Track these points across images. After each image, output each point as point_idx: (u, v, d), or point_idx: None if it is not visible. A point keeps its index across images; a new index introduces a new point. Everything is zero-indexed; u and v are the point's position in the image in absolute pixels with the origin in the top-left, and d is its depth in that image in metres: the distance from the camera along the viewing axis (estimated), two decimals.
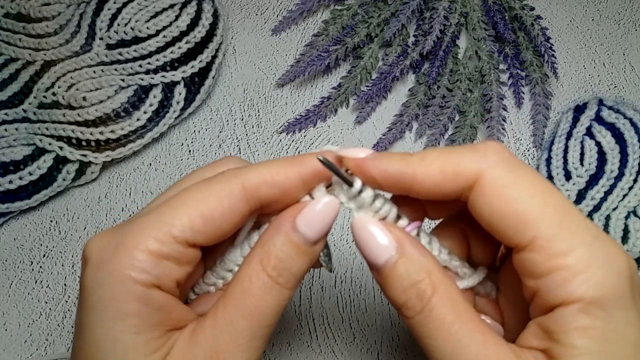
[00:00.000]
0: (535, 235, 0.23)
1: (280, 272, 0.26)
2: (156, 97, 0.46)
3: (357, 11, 0.51)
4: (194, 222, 0.25)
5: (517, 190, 0.24)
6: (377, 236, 0.26)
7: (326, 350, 0.41)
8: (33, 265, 0.45)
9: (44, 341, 0.42)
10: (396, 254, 0.25)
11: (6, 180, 0.43)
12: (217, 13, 0.48)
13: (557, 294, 0.23)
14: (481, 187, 0.24)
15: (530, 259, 0.23)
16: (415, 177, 0.25)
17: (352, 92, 0.50)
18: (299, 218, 0.26)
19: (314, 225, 0.26)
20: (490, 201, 0.24)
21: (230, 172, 0.26)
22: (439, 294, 0.25)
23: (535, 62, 0.50)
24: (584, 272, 0.22)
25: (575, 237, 0.23)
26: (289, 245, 0.26)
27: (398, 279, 0.25)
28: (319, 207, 0.26)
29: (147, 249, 0.24)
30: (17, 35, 0.46)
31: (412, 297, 0.25)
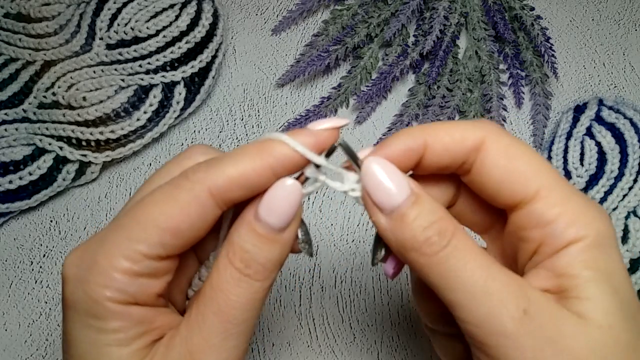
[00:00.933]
0: (540, 186, 0.25)
1: (248, 263, 0.25)
2: (156, 97, 0.46)
3: (357, 11, 0.51)
4: (162, 237, 0.24)
5: (519, 150, 0.26)
6: (394, 174, 0.25)
7: (326, 350, 0.41)
8: (33, 265, 0.45)
9: (44, 341, 0.42)
10: (411, 195, 0.25)
11: (6, 180, 0.43)
12: (217, 13, 0.48)
13: (564, 236, 0.24)
14: (488, 148, 0.26)
15: (537, 209, 0.25)
16: (426, 146, 0.26)
17: (352, 92, 0.50)
18: (260, 206, 0.25)
19: (275, 212, 0.25)
20: (498, 160, 0.26)
21: (195, 177, 0.25)
22: (460, 230, 0.25)
23: (535, 62, 0.50)
24: (585, 215, 0.25)
25: (569, 189, 0.26)
26: (253, 234, 0.25)
27: (416, 219, 0.25)
28: (279, 193, 0.25)
29: (121, 268, 0.24)
30: (17, 35, 0.46)
31: (434, 234, 0.24)
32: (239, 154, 0.25)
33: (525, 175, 0.25)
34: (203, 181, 0.24)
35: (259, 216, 0.25)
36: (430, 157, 0.26)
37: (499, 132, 0.26)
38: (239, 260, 0.25)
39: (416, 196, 0.25)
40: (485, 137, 0.26)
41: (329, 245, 0.45)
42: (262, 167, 0.24)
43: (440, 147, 0.26)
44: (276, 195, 0.25)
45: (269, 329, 0.42)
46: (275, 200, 0.25)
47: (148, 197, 0.25)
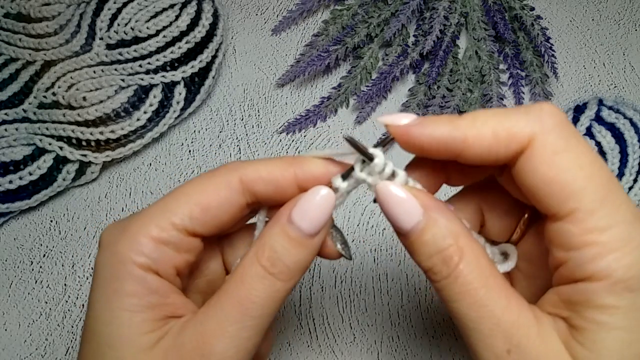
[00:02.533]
0: (577, 207, 0.23)
1: (274, 262, 0.26)
2: (156, 97, 0.46)
3: (357, 11, 0.51)
4: (193, 211, 0.26)
5: (567, 159, 0.23)
6: (403, 201, 0.25)
7: (326, 350, 0.41)
8: (33, 265, 0.45)
9: (44, 341, 0.42)
10: (423, 219, 0.25)
11: (6, 180, 0.43)
12: (217, 13, 0.48)
13: (586, 269, 0.23)
14: (532, 152, 0.24)
15: (566, 230, 0.23)
16: (466, 141, 0.24)
17: (352, 92, 0.50)
18: (294, 210, 0.26)
19: (308, 218, 0.26)
20: (538, 167, 0.24)
21: (230, 165, 0.27)
22: (466, 259, 0.25)
23: (535, 62, 0.50)
24: (617, 251, 0.23)
25: (616, 214, 0.23)
26: (283, 236, 0.26)
27: (424, 245, 0.25)
28: (314, 199, 0.26)
29: (148, 234, 0.26)
30: (17, 35, 0.46)
31: (438, 264, 0.25)
32: (273, 159, 0.28)
33: (565, 191, 0.23)
34: (236, 169, 0.27)
35: (292, 219, 0.26)
36: (471, 155, 0.25)
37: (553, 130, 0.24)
38: (266, 258, 0.26)
39: (427, 220, 0.25)
40: (534, 137, 0.24)
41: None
42: (288, 173, 0.27)
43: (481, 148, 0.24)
44: (311, 201, 0.26)
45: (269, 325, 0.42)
46: (309, 206, 0.26)
47: (187, 181, 0.28)
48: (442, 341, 0.41)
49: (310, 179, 0.27)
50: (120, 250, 0.26)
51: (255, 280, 0.26)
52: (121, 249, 0.26)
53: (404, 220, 0.25)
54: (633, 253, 0.23)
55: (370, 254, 0.44)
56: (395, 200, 0.26)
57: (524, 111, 0.24)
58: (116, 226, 0.27)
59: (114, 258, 0.26)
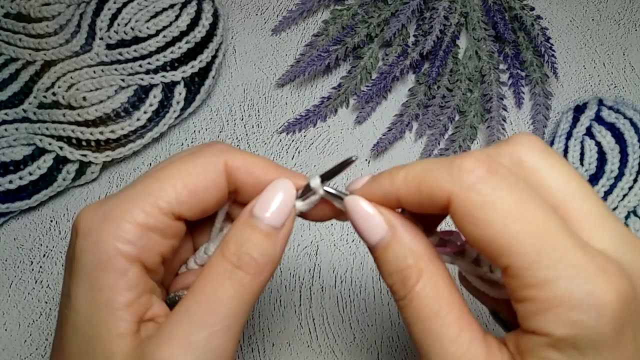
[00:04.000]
0: (509, 264, 0.22)
1: (240, 256, 0.25)
2: (156, 97, 0.46)
3: (357, 11, 0.51)
4: (180, 194, 0.25)
5: (490, 212, 0.22)
6: (369, 216, 0.26)
7: (326, 350, 0.41)
8: (33, 265, 0.45)
9: (44, 341, 0.42)
10: (387, 235, 0.25)
11: (6, 180, 0.43)
12: (217, 13, 0.48)
13: (530, 324, 0.22)
14: (453, 210, 0.23)
15: (508, 283, 0.23)
16: (399, 197, 0.25)
17: (352, 92, 0.50)
18: (257, 204, 0.26)
19: (271, 210, 0.26)
20: (462, 224, 0.23)
21: (217, 147, 0.27)
22: (423, 282, 0.24)
23: (535, 62, 0.50)
24: (557, 308, 0.21)
25: (555, 268, 0.21)
26: (248, 228, 0.25)
27: (386, 262, 0.25)
28: (273, 190, 0.26)
29: (134, 220, 0.24)
30: (17, 35, 0.46)
31: (396, 282, 0.25)
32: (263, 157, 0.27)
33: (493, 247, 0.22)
34: (222, 153, 0.26)
35: (254, 213, 0.26)
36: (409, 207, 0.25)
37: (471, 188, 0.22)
38: (231, 253, 0.25)
39: (391, 236, 0.25)
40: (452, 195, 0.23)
41: (329, 245, 0.45)
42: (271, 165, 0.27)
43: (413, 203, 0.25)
44: (270, 193, 0.26)
45: (269, 329, 0.42)
46: (269, 197, 0.26)
47: (168, 162, 0.26)
48: None
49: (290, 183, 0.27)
50: (103, 238, 0.24)
51: (222, 277, 0.25)
52: (105, 236, 0.24)
53: (370, 234, 0.26)
54: (576, 310, 0.21)
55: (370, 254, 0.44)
56: (362, 214, 0.26)
57: (446, 165, 0.23)
58: (95, 211, 0.25)
59: (97, 246, 0.24)
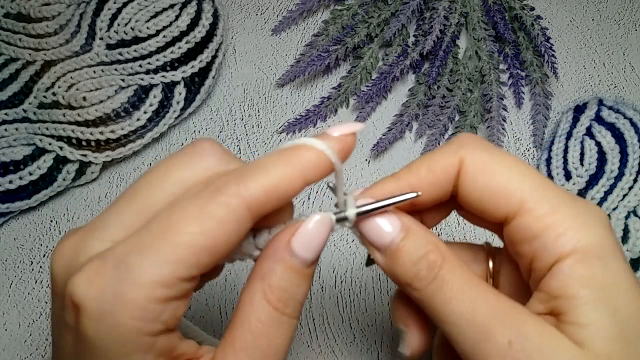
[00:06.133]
0: (522, 199, 0.24)
1: (286, 302, 0.24)
2: (156, 97, 0.46)
3: (357, 11, 0.51)
4: (200, 258, 0.22)
5: (497, 164, 0.25)
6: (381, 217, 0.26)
7: (326, 350, 0.42)
8: (33, 265, 0.45)
9: (44, 341, 0.42)
10: (402, 231, 0.26)
11: (6, 180, 0.43)
12: (217, 13, 0.48)
13: (554, 250, 0.24)
14: (465, 170, 0.26)
15: (523, 224, 0.25)
16: (410, 187, 0.26)
17: (352, 92, 0.50)
18: (295, 241, 0.24)
19: (310, 246, 0.25)
20: (476, 179, 0.25)
21: (230, 191, 0.23)
22: (448, 261, 0.25)
23: (535, 62, 0.50)
24: (574, 225, 0.24)
25: (557, 197, 0.25)
26: (290, 272, 0.24)
27: (407, 254, 0.26)
28: (312, 227, 0.25)
29: (153, 297, 0.22)
30: (17, 35, 0.46)
31: (422, 268, 0.25)
32: (269, 163, 0.24)
33: (506, 190, 0.25)
34: (239, 195, 0.23)
35: (294, 252, 0.24)
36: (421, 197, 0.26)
37: (476, 147, 0.26)
38: (277, 299, 0.24)
39: (407, 230, 0.26)
40: (462, 157, 0.26)
41: (329, 245, 0.45)
42: (295, 175, 0.24)
43: (427, 185, 0.26)
44: (310, 229, 0.25)
45: None
46: (309, 234, 0.25)
47: (176, 213, 0.23)
48: None
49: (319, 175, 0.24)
50: (122, 322, 0.22)
51: (274, 327, 0.24)
52: (123, 320, 0.22)
53: (385, 233, 0.26)
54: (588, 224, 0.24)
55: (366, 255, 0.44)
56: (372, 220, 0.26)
57: (446, 144, 0.27)
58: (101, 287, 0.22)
59: (116, 331, 0.22)
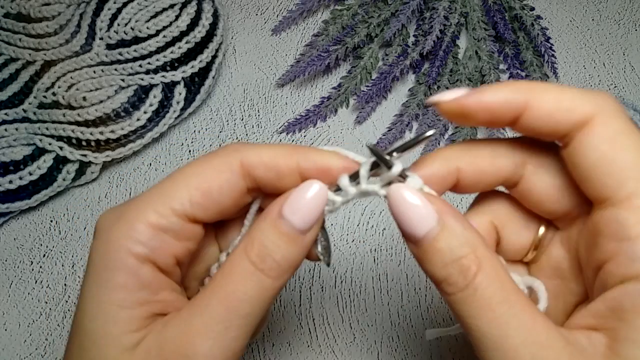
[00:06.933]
0: (634, 192, 0.21)
1: (263, 258, 0.25)
2: (156, 97, 0.46)
3: (357, 11, 0.51)
4: (193, 195, 0.25)
5: (629, 140, 0.22)
6: (417, 205, 0.24)
7: (326, 350, 0.41)
8: (33, 265, 0.45)
9: (44, 341, 0.42)
10: (437, 225, 0.23)
11: (6, 180, 0.43)
12: (217, 13, 0.48)
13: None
14: (593, 129, 0.22)
15: (620, 217, 0.21)
16: (527, 105, 0.23)
17: (352, 92, 0.50)
18: (286, 205, 0.25)
19: (300, 213, 0.25)
20: (599, 144, 0.22)
21: (231, 147, 0.26)
22: (484, 271, 0.23)
23: (535, 62, 0.50)
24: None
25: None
26: (274, 231, 0.25)
27: (439, 253, 0.23)
28: (306, 195, 0.25)
29: (146, 221, 0.24)
30: (17, 35, 0.46)
31: (454, 273, 0.23)
32: (278, 145, 0.26)
33: (624, 172, 0.21)
34: (237, 152, 0.26)
35: (282, 214, 0.25)
36: (530, 120, 0.23)
37: (614, 113, 0.22)
38: (255, 254, 0.25)
39: (442, 225, 0.23)
40: (596, 114, 0.22)
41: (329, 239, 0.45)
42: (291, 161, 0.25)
43: (543, 112, 0.23)
44: (302, 195, 0.25)
45: (269, 329, 0.42)
46: (300, 200, 0.25)
47: (186, 165, 0.26)
48: (442, 341, 0.41)
49: (313, 169, 0.26)
50: (115, 237, 0.24)
51: (244, 276, 0.25)
52: (116, 236, 0.24)
53: (417, 226, 0.24)
54: None
55: (370, 254, 0.44)
56: (408, 204, 0.24)
57: (585, 91, 0.23)
58: (112, 212, 0.25)
59: (108, 246, 0.24)
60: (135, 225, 0.24)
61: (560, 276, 0.26)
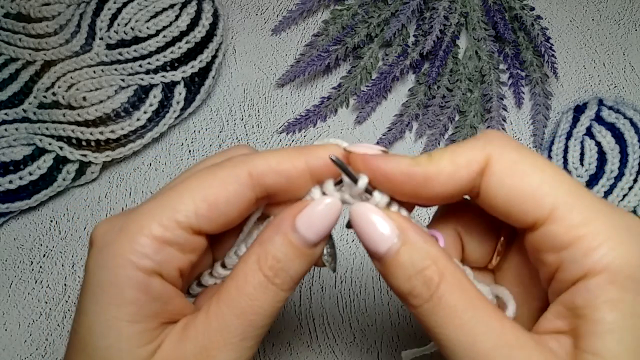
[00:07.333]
0: (554, 206, 0.22)
1: (277, 272, 0.25)
2: (156, 97, 0.46)
3: (357, 11, 0.51)
4: (199, 208, 0.24)
5: (528, 165, 0.23)
6: (377, 223, 0.25)
7: (326, 350, 0.41)
8: (33, 265, 0.45)
9: (44, 341, 0.42)
10: (398, 241, 0.24)
11: (6, 180, 0.43)
12: (217, 13, 0.48)
13: (583, 264, 0.22)
14: (492, 169, 0.24)
15: (551, 232, 0.23)
16: (426, 175, 0.24)
17: (352, 92, 0.50)
18: (299, 218, 0.25)
19: (314, 227, 0.25)
20: (503, 180, 0.23)
21: (238, 158, 0.26)
22: (447, 280, 0.23)
23: (535, 62, 0.50)
24: (609, 240, 0.22)
25: (593, 207, 0.22)
26: (288, 246, 0.25)
27: (402, 267, 0.24)
28: (319, 208, 0.25)
29: (151, 234, 0.24)
30: (17, 35, 0.46)
31: (418, 285, 0.24)
32: (283, 149, 0.26)
33: (536, 194, 0.23)
34: (244, 162, 0.25)
35: (296, 228, 0.25)
36: (433, 189, 0.24)
37: (505, 147, 0.24)
38: (268, 267, 0.25)
39: (404, 241, 0.24)
40: (490, 155, 0.24)
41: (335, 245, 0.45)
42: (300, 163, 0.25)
43: (444, 178, 0.24)
44: (317, 210, 0.25)
45: (269, 329, 0.42)
46: (316, 215, 0.25)
47: (188, 174, 0.26)
48: None
49: (324, 168, 0.25)
50: (119, 252, 0.24)
51: (259, 291, 0.25)
52: (120, 250, 0.24)
53: (379, 242, 0.24)
54: (625, 240, 0.22)
55: None
56: (369, 221, 0.25)
57: (473, 139, 0.25)
58: (112, 224, 0.25)
59: (113, 261, 0.24)
60: (139, 239, 0.24)
61: (523, 282, 0.27)
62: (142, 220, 0.24)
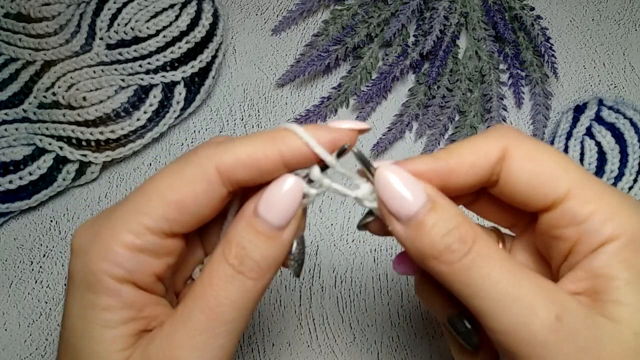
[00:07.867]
0: (571, 184, 0.25)
1: (243, 260, 0.24)
2: (156, 97, 0.46)
3: (357, 11, 0.51)
4: (168, 212, 0.24)
5: (542, 152, 0.25)
6: (408, 185, 0.24)
7: (326, 350, 0.41)
8: (33, 265, 0.45)
9: (44, 341, 0.42)
10: (428, 202, 0.24)
11: (6, 180, 0.43)
12: (217, 13, 0.48)
13: (601, 233, 0.24)
14: (512, 156, 0.25)
15: (570, 208, 0.24)
16: (450, 166, 0.25)
17: (352, 92, 0.50)
18: (260, 202, 0.24)
19: (276, 209, 0.24)
20: (524, 165, 0.25)
21: (204, 153, 0.24)
22: (482, 236, 0.24)
23: (535, 62, 0.50)
24: (619, 211, 0.24)
25: (601, 186, 0.25)
26: (250, 230, 0.24)
27: (435, 226, 0.24)
28: (279, 189, 0.24)
29: (122, 242, 0.23)
30: (17, 35, 0.46)
31: (454, 241, 0.23)
32: (251, 138, 0.25)
33: (555, 176, 0.25)
34: (211, 157, 0.24)
35: (257, 212, 0.24)
36: (457, 179, 0.25)
37: (520, 137, 0.26)
38: (233, 256, 0.24)
39: (433, 202, 0.24)
40: (508, 144, 0.26)
41: (329, 245, 0.45)
42: (272, 152, 0.24)
43: (466, 167, 0.25)
44: (276, 191, 0.24)
45: (269, 329, 0.42)
46: (275, 196, 0.24)
47: (158, 173, 0.25)
48: (442, 341, 0.41)
49: (298, 155, 0.24)
50: (92, 260, 0.23)
51: (224, 281, 0.24)
52: (93, 259, 0.23)
53: (409, 203, 0.24)
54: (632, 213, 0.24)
55: (370, 254, 0.44)
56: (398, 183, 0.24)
57: (486, 132, 0.26)
58: (87, 230, 0.25)
59: (86, 268, 0.24)
60: (111, 247, 0.23)
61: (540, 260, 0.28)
62: (113, 228, 0.24)
